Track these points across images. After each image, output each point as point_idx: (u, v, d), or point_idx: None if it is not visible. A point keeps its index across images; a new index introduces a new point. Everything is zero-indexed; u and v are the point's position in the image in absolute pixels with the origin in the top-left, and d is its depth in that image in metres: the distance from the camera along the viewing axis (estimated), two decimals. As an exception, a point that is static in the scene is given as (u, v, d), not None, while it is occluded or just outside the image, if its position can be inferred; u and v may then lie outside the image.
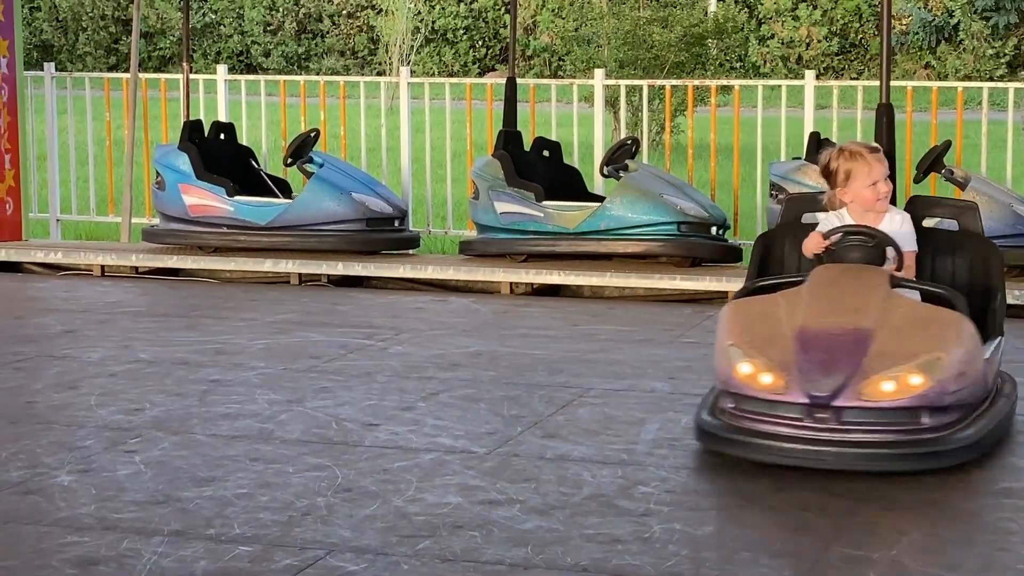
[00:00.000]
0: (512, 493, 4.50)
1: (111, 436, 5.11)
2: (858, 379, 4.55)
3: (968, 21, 28.92)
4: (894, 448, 4.52)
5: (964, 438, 4.57)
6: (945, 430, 4.56)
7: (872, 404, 4.53)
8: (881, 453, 4.52)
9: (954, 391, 4.58)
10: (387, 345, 6.74)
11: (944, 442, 4.53)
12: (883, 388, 4.53)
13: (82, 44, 32.59)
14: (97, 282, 8.91)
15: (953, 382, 4.58)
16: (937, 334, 4.67)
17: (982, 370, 4.74)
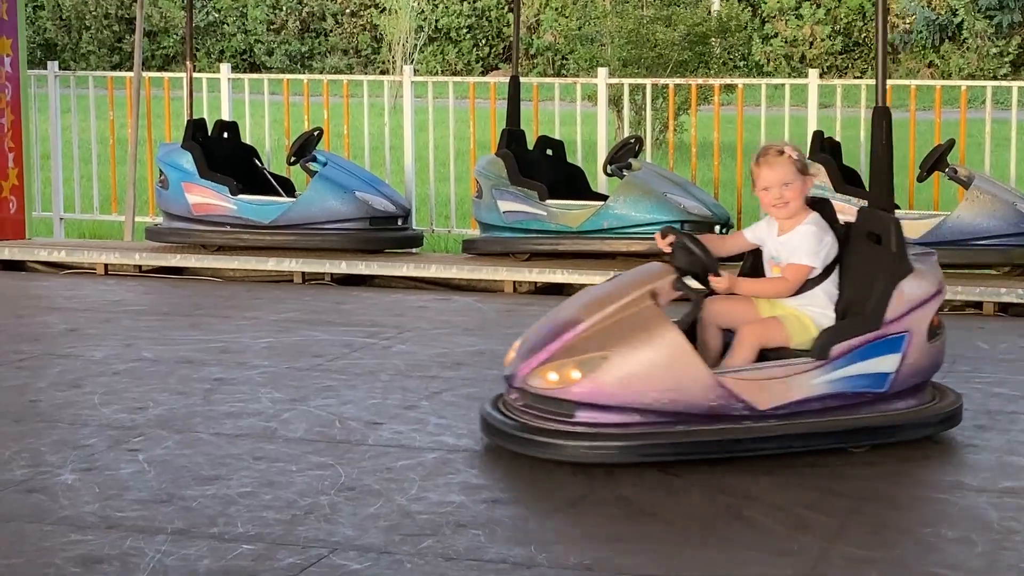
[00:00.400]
0: (515, 492, 4.51)
1: (114, 435, 5.12)
2: (540, 366, 4.79)
3: (972, 20, 28.90)
4: (547, 436, 4.72)
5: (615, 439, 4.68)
6: (604, 428, 4.69)
7: (538, 390, 4.79)
8: (534, 439, 4.74)
9: (616, 392, 4.66)
10: (390, 344, 6.74)
11: (595, 438, 4.68)
12: (549, 377, 4.75)
13: (85, 43, 32.59)
14: (100, 281, 8.92)
15: (616, 384, 4.66)
16: (622, 336, 4.72)
17: (685, 379, 4.67)
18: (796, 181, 4.99)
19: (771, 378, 4.77)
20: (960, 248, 8.01)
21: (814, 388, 4.78)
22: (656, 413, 4.69)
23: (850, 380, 4.82)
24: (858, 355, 4.81)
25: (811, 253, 4.96)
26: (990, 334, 7.05)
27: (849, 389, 4.82)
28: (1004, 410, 5.47)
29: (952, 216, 8.04)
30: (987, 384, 5.88)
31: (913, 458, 4.81)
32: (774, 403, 4.75)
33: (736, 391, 4.71)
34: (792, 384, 4.77)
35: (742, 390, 4.72)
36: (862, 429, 4.85)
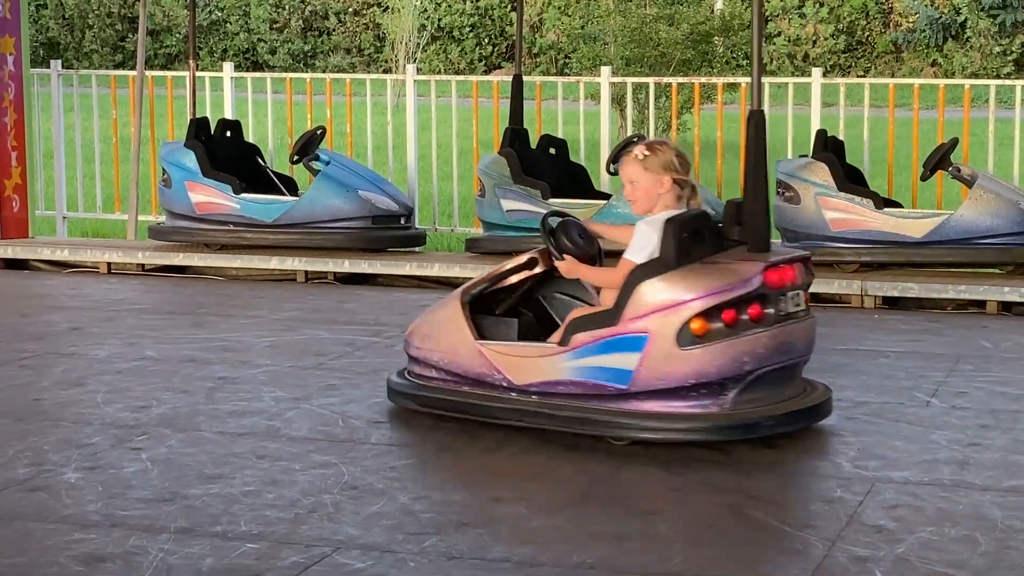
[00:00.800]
0: (518, 490, 4.51)
1: (118, 433, 5.12)
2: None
3: (975, 19, 28.88)
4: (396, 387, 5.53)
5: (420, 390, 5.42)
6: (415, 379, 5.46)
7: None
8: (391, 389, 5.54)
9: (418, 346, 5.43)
10: (393, 342, 6.73)
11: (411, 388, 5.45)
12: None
13: (88, 42, 32.60)
14: (103, 279, 8.92)
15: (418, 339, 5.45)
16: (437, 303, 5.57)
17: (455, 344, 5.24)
18: (642, 180, 5.06)
19: (524, 356, 5.11)
20: (963, 247, 8.00)
21: (560, 372, 5.00)
22: (444, 372, 5.29)
23: (591, 371, 4.94)
24: (598, 348, 4.92)
25: (635, 248, 4.99)
26: (993, 333, 7.04)
27: (591, 379, 4.94)
28: (1008, 409, 5.47)
29: (955, 215, 8.03)
30: (991, 383, 5.87)
31: (915, 457, 4.81)
32: (527, 380, 5.08)
33: (495, 362, 5.13)
34: (542, 364, 5.05)
35: (500, 363, 5.12)
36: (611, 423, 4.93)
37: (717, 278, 4.85)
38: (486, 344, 5.17)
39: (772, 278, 4.90)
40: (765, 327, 4.88)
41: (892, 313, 7.69)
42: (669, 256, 4.87)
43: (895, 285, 7.82)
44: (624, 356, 4.87)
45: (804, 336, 5.08)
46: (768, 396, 4.96)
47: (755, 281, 4.86)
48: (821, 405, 5.08)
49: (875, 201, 8.16)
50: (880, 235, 8.08)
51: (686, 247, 4.89)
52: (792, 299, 5.01)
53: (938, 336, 6.97)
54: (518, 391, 5.09)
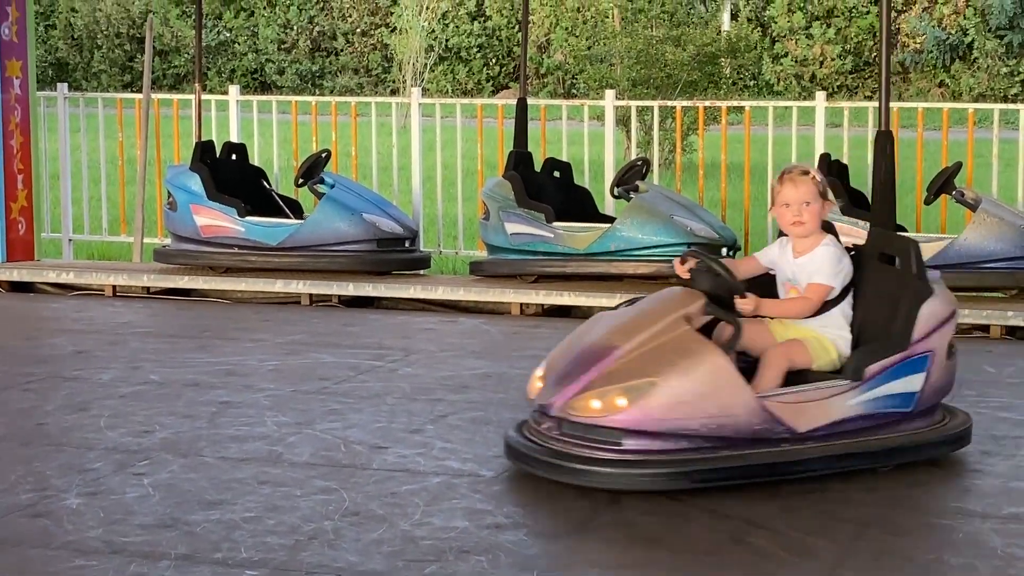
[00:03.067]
0: (519, 517, 4.51)
1: (120, 458, 5.13)
2: (578, 394, 4.74)
3: (982, 40, 28.90)
4: (592, 464, 4.67)
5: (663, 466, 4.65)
6: (650, 455, 4.66)
7: (579, 418, 4.72)
8: (578, 468, 4.68)
9: (664, 419, 4.62)
10: (397, 366, 6.75)
11: (643, 465, 4.65)
12: (591, 405, 4.70)
13: (97, 62, 32.73)
14: (109, 302, 8.94)
15: (663, 409, 4.62)
16: (668, 360, 4.69)
17: (730, 404, 4.66)
18: (816, 203, 5.09)
19: (810, 400, 4.81)
20: (967, 271, 8.00)
21: (849, 409, 4.84)
22: (702, 438, 4.69)
23: (881, 401, 4.89)
24: (888, 376, 4.89)
25: (831, 274, 5.05)
26: (997, 357, 7.04)
27: (880, 410, 4.89)
28: (1010, 435, 5.46)
29: (959, 239, 8.04)
30: (993, 408, 5.87)
31: (917, 483, 4.80)
32: (812, 425, 4.79)
33: (778, 414, 4.74)
34: (829, 406, 4.82)
35: (783, 413, 4.75)
36: (891, 449, 4.91)
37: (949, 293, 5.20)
38: (768, 397, 4.76)
39: None
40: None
41: (896, 337, 7.67)
42: (923, 276, 5.04)
43: (899, 309, 7.80)
44: (911, 379, 4.94)
45: None
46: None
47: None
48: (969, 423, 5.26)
49: (878, 225, 8.14)
50: (884, 259, 8.07)
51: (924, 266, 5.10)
52: None
53: (941, 360, 6.95)
54: (794, 440, 4.78)
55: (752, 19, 30.66)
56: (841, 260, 5.08)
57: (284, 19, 33.20)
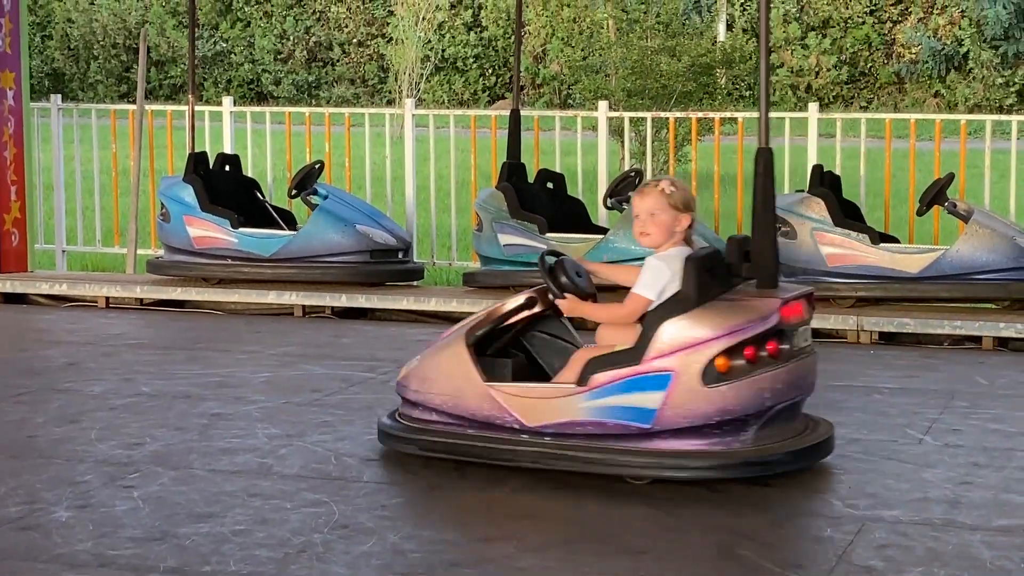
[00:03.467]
0: (509, 529, 4.51)
1: (110, 471, 5.12)
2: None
3: (977, 50, 28.93)
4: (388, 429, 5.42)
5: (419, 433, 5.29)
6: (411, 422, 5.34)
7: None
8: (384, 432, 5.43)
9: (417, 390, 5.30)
10: (389, 378, 6.73)
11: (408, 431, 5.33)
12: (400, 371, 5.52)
13: (93, 72, 32.73)
14: (102, 314, 8.93)
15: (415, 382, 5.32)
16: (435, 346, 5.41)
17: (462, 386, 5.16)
18: (663, 215, 5.08)
19: (537, 396, 5.06)
20: (959, 282, 8.00)
21: (578, 412, 4.97)
22: (447, 415, 5.20)
23: (613, 410, 4.92)
24: (620, 387, 4.90)
25: (647, 284, 5.04)
26: (989, 369, 7.04)
27: (612, 419, 4.93)
28: (1001, 447, 5.46)
29: (951, 250, 8.04)
30: (984, 420, 5.87)
31: (906, 495, 4.80)
32: (541, 421, 5.02)
33: (505, 404, 5.06)
34: (557, 405, 5.01)
35: (511, 404, 5.05)
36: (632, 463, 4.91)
37: (739, 315, 4.91)
38: (496, 386, 5.10)
39: (787, 314, 4.97)
40: (782, 363, 4.94)
41: (888, 348, 7.70)
42: (691, 294, 4.91)
43: (891, 320, 7.82)
44: (647, 395, 4.89)
45: (812, 371, 5.16)
46: (780, 432, 5.02)
47: (773, 318, 4.92)
48: (828, 440, 5.14)
49: (871, 236, 8.17)
50: (876, 270, 8.09)
51: (707, 285, 4.93)
52: (802, 334, 5.09)
53: (933, 372, 6.97)
54: (530, 433, 5.03)
55: (747, 30, 30.68)
56: (661, 271, 5.01)
57: (280, 29, 33.21)
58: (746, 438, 4.92)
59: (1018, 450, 5.41)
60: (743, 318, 4.89)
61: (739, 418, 4.88)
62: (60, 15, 33.27)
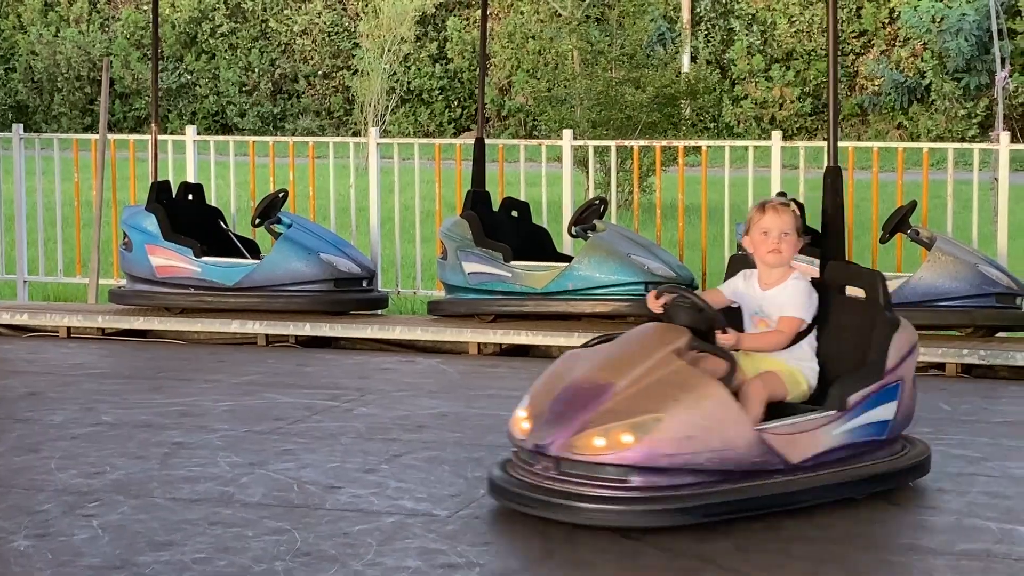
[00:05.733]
0: (472, 556, 4.48)
1: (70, 500, 5.07)
2: (577, 432, 4.67)
3: (940, 82, 29.15)
4: (599, 503, 4.62)
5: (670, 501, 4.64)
6: (659, 491, 4.63)
7: (582, 457, 4.66)
8: (585, 507, 4.63)
9: (672, 454, 4.60)
10: (352, 406, 6.71)
11: (651, 501, 4.62)
12: (595, 443, 4.64)
13: (57, 104, 32.63)
14: (63, 344, 8.87)
15: (671, 444, 4.60)
16: (670, 396, 4.67)
17: (733, 437, 4.68)
18: (793, 235, 5.20)
19: (801, 431, 4.85)
20: (923, 309, 8.02)
21: (834, 439, 4.91)
22: (706, 472, 4.68)
23: (861, 429, 4.98)
24: (868, 404, 4.98)
25: (803, 307, 5.12)
26: (952, 395, 7.06)
27: (859, 438, 4.98)
28: (964, 472, 5.47)
29: (915, 277, 8.07)
30: (948, 445, 5.88)
31: (871, 520, 4.80)
32: (803, 456, 4.83)
33: (774, 446, 4.77)
34: (817, 436, 4.88)
35: (778, 445, 4.79)
36: (871, 477, 4.99)
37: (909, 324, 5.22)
38: (767, 428, 4.80)
39: None
40: None
41: (852, 375, 7.69)
42: (890, 307, 5.14)
43: (855, 347, 7.82)
44: (886, 407, 5.03)
45: None
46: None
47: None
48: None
49: (835, 263, 8.17)
50: (840, 297, 8.09)
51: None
52: None
53: (897, 398, 6.97)
54: (787, 471, 4.81)
55: (712, 61, 30.85)
56: (812, 294, 5.16)
57: (245, 62, 33.19)
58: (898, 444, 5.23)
59: (981, 475, 5.41)
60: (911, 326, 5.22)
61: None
62: (24, 47, 33.17)
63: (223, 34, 33.46)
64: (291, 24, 33.31)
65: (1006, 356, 7.67)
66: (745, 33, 31.32)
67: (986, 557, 4.42)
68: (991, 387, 7.40)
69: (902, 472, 5.09)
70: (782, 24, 30.97)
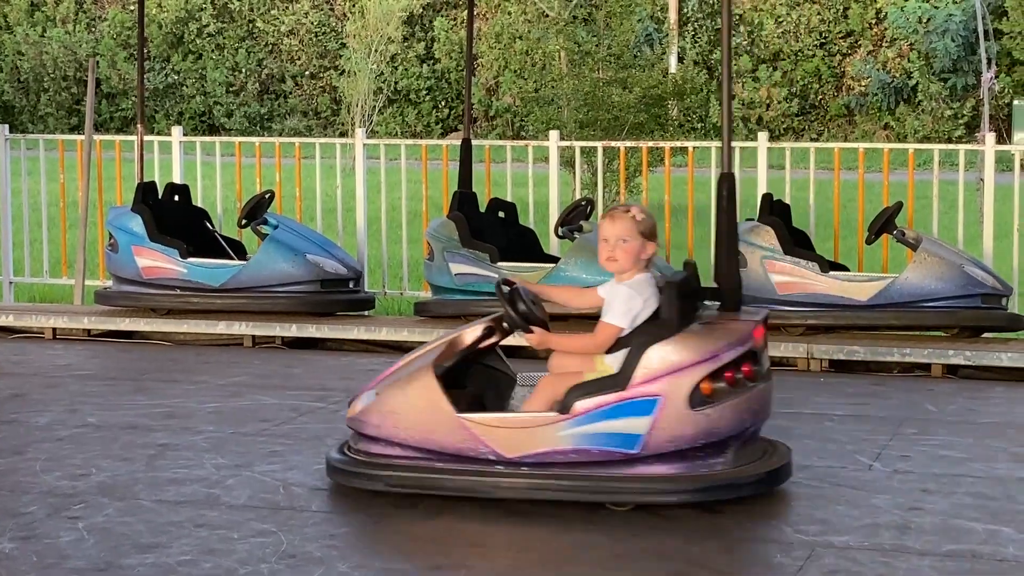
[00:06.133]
0: (458, 558, 4.48)
1: (55, 502, 5.06)
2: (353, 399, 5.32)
3: (926, 83, 29.21)
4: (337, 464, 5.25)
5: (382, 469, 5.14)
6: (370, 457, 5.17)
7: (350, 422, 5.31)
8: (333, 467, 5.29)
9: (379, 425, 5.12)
10: (339, 408, 6.69)
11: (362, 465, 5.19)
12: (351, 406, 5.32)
13: (44, 105, 32.57)
14: (49, 345, 8.85)
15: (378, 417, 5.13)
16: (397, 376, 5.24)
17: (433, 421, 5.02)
18: (633, 241, 5.13)
19: (515, 427, 4.98)
20: (908, 310, 8.04)
21: (559, 441, 4.91)
22: (413, 449, 5.06)
23: (598, 437, 4.90)
24: (605, 413, 4.88)
25: (620, 313, 5.07)
26: (938, 396, 7.07)
27: (597, 446, 4.90)
28: (949, 473, 5.47)
29: (900, 278, 8.08)
30: (933, 447, 5.89)
31: (856, 521, 4.80)
32: (520, 452, 4.95)
33: (481, 436, 4.96)
34: (538, 435, 4.93)
35: (487, 436, 4.96)
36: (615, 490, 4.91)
37: (719, 339, 4.96)
38: (471, 417, 5.00)
39: (758, 336, 5.04)
40: (756, 385, 5.00)
41: (838, 376, 7.72)
42: (673, 319, 4.95)
43: (841, 348, 7.85)
44: (634, 420, 4.88)
45: (772, 394, 5.21)
46: (751, 454, 5.08)
47: (749, 341, 4.99)
48: (790, 463, 5.19)
49: (821, 264, 8.20)
50: (826, 298, 8.12)
51: (686, 310, 4.99)
52: (766, 358, 5.16)
53: (883, 399, 6.99)
54: (507, 464, 4.96)
55: (699, 62, 30.87)
56: (633, 299, 5.06)
57: (232, 62, 33.15)
58: (726, 460, 4.97)
59: (966, 476, 5.42)
60: (723, 342, 4.95)
61: (721, 440, 4.92)
62: (10, 47, 33.11)
63: (210, 34, 33.43)
64: (278, 24, 33.29)
65: (992, 357, 7.68)
66: (732, 34, 31.34)
67: (972, 558, 4.43)
68: (977, 388, 7.41)
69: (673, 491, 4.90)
70: (769, 25, 31.02)
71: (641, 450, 4.87)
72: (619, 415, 4.87)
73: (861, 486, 5.25)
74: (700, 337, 4.95)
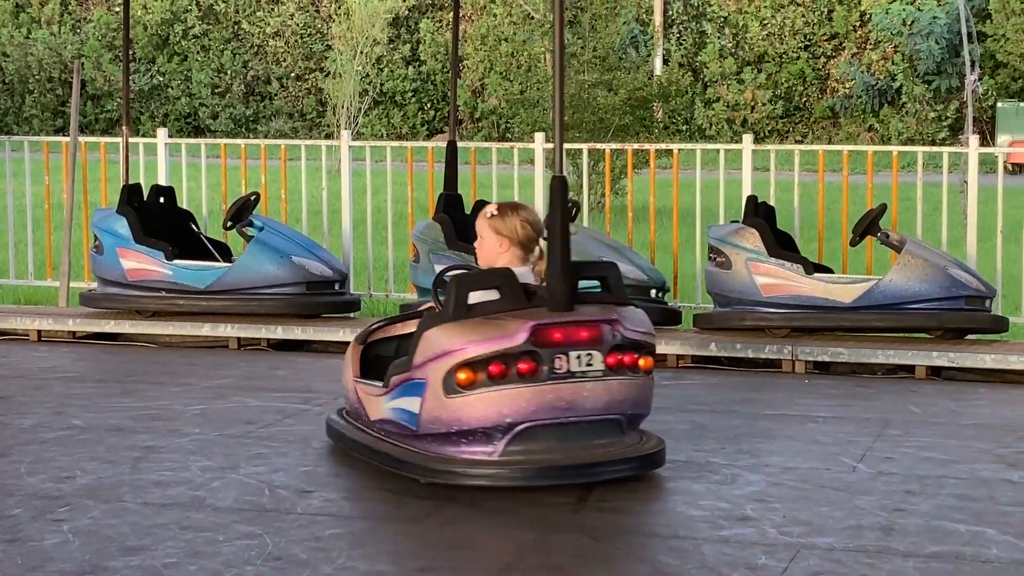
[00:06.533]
0: (444, 561, 4.48)
1: (40, 505, 5.05)
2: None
3: (910, 85, 29.31)
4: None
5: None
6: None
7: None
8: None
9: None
10: (324, 410, 6.68)
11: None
12: None
13: (28, 107, 32.53)
14: (33, 347, 8.83)
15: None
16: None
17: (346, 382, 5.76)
18: (487, 238, 5.45)
19: (368, 395, 5.54)
20: (892, 312, 8.07)
21: (384, 411, 5.41)
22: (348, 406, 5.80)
23: (398, 411, 5.31)
24: (401, 391, 5.27)
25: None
26: (922, 398, 7.10)
27: (397, 419, 5.33)
28: (933, 474, 5.49)
29: (884, 280, 8.11)
30: (917, 448, 5.91)
31: (840, 522, 4.82)
32: (374, 416, 5.50)
33: (361, 399, 5.57)
34: (374, 404, 5.49)
35: (364, 399, 5.56)
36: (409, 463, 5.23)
37: (483, 331, 5.06)
38: (359, 381, 5.61)
39: (545, 336, 5.03)
40: (534, 383, 5.02)
41: (822, 378, 7.74)
42: (448, 308, 5.15)
43: (825, 350, 7.87)
44: (412, 400, 5.21)
45: (596, 394, 5.13)
46: (551, 448, 5.11)
47: (519, 337, 5.01)
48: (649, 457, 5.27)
49: (805, 266, 8.22)
50: (810, 300, 8.14)
51: (464, 300, 5.13)
52: (580, 359, 5.09)
53: (867, 401, 7.01)
54: (368, 425, 5.54)
55: (684, 64, 30.93)
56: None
57: (218, 63, 33.15)
58: (495, 450, 5.09)
59: (950, 478, 5.44)
60: (486, 334, 5.05)
61: (478, 430, 5.06)
62: (-6, 49, 33.09)
63: (195, 36, 33.42)
64: (264, 26, 33.29)
65: (975, 359, 7.71)
66: (717, 36, 31.42)
67: (955, 559, 4.44)
68: (960, 389, 7.44)
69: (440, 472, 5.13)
70: (754, 27, 31.09)
71: (418, 428, 5.18)
72: (406, 394, 5.24)
73: (845, 487, 5.27)
74: (466, 328, 5.08)
